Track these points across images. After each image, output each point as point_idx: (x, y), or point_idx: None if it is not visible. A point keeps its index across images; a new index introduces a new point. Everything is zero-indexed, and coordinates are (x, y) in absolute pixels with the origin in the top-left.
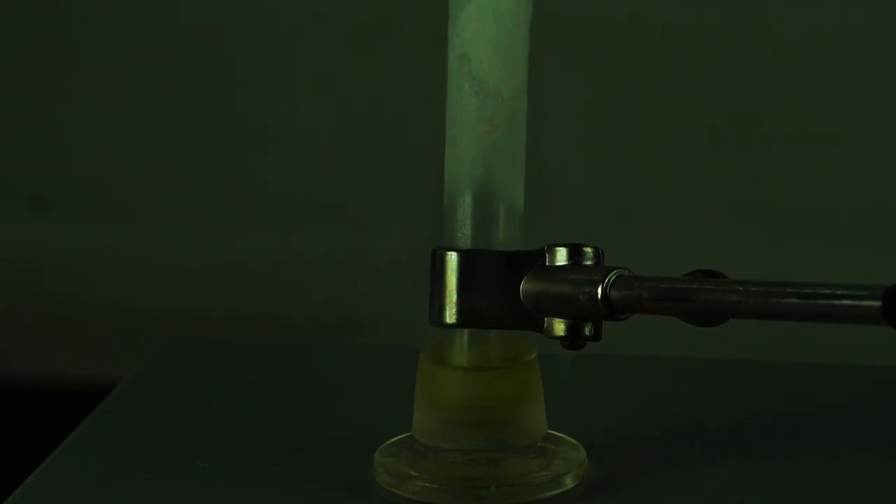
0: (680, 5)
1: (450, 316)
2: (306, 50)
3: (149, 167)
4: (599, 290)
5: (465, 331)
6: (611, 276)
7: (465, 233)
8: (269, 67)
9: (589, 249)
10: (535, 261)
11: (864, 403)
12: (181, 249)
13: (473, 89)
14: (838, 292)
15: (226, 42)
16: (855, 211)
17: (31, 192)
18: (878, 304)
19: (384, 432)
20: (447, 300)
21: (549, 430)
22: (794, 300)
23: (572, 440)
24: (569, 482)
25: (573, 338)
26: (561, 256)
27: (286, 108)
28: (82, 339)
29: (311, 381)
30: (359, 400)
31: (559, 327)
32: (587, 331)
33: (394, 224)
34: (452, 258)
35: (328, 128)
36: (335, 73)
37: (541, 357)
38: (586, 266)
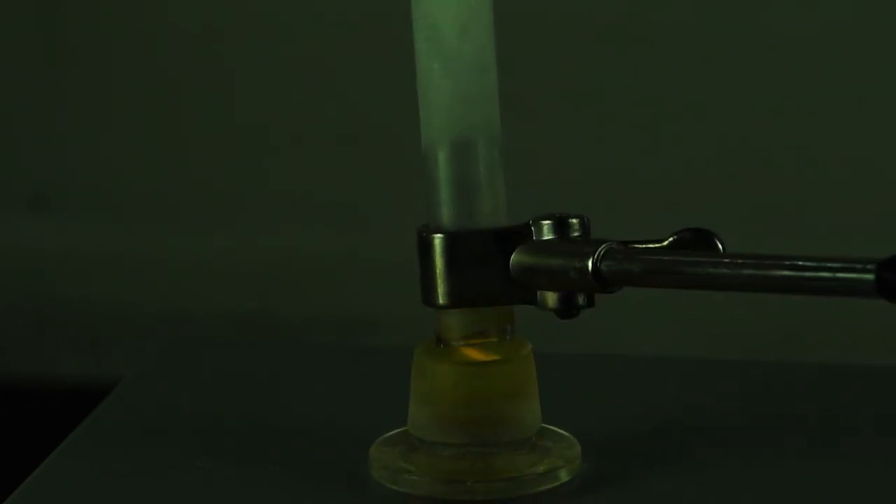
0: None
1: (441, 297)
2: (306, 50)
3: (148, 167)
4: (590, 265)
5: (460, 326)
6: (600, 251)
7: (448, 211)
8: (269, 68)
9: (575, 220)
10: (522, 236)
11: (864, 403)
12: (181, 249)
13: (444, 70)
14: (832, 265)
15: (226, 42)
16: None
17: (31, 192)
18: (871, 277)
19: (384, 431)
20: (437, 282)
21: (544, 425)
22: (786, 272)
23: (567, 435)
24: (563, 477)
25: (567, 308)
26: (547, 230)
27: (286, 109)
28: (82, 339)
29: (310, 381)
30: (359, 400)
31: (552, 299)
32: (580, 300)
33: (394, 224)
34: (438, 240)
35: (328, 128)
36: (335, 74)
37: (536, 353)
38: (574, 239)
